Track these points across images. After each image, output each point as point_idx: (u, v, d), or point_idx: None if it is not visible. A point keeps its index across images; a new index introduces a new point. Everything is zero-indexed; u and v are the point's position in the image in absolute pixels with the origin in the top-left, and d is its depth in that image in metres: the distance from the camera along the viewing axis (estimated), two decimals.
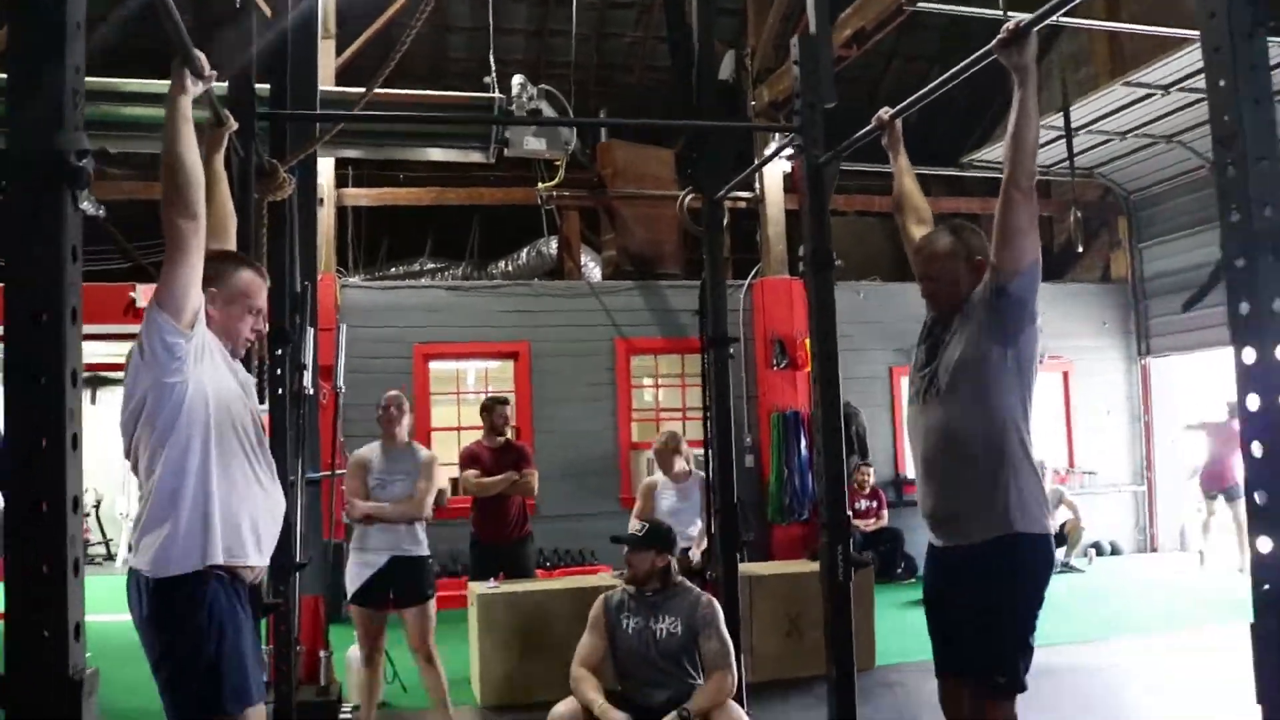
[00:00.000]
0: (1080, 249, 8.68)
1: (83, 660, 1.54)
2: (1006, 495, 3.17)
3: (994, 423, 3.19)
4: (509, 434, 7.17)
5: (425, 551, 5.68)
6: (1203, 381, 12.61)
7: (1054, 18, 2.70)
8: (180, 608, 2.74)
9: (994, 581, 3.18)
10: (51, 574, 1.49)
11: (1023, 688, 3.22)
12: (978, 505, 3.21)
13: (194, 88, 2.72)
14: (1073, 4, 2.50)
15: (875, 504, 11.12)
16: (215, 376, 2.86)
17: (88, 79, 1.68)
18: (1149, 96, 10.27)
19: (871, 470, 11.27)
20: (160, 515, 2.75)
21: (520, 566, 7.10)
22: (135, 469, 2.87)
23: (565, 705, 4.52)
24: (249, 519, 2.88)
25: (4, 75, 1.61)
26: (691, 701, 4.40)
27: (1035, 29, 2.75)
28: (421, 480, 5.68)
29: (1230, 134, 2.01)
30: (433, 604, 5.66)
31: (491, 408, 7.25)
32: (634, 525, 6.76)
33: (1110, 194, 13.27)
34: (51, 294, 1.52)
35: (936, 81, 3.23)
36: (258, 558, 2.92)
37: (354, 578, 5.58)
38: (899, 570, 10.88)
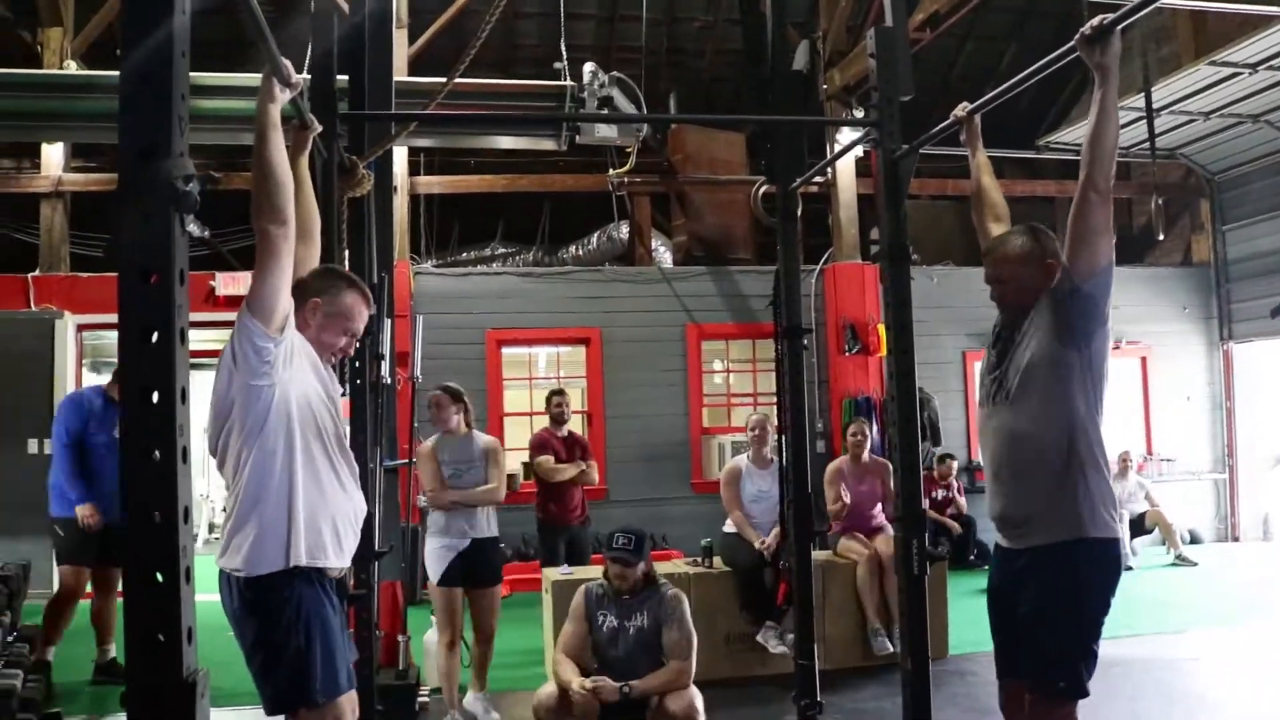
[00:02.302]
0: (1161, 236, 8.48)
1: (195, 662, 1.61)
2: (1076, 498, 3.15)
3: (1063, 426, 3.17)
4: (568, 424, 7.63)
5: (497, 534, 5.98)
6: None
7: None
8: (270, 603, 2.84)
9: (1060, 585, 3.17)
10: (165, 581, 1.56)
11: (1085, 693, 3.19)
12: (1047, 508, 3.19)
13: (282, 95, 2.78)
14: (1154, 6, 2.45)
15: (952, 493, 11.03)
16: (302, 380, 2.93)
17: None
18: (1235, 75, 9.98)
19: (955, 463, 11.18)
20: (246, 516, 2.84)
21: (580, 548, 7.54)
22: (221, 467, 2.95)
23: (546, 689, 4.76)
24: (330, 521, 2.96)
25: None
26: (641, 681, 4.62)
27: (1119, 27, 2.71)
28: (493, 468, 5.93)
29: None
30: (500, 587, 6.00)
31: (550, 398, 7.70)
32: (733, 521, 6.89)
33: (1192, 175, 12.94)
34: (162, 314, 1.59)
35: (1012, 80, 3.19)
36: (338, 559, 3.01)
37: (438, 560, 5.78)
38: (972, 557, 10.79)
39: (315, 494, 2.93)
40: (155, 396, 1.58)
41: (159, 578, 1.56)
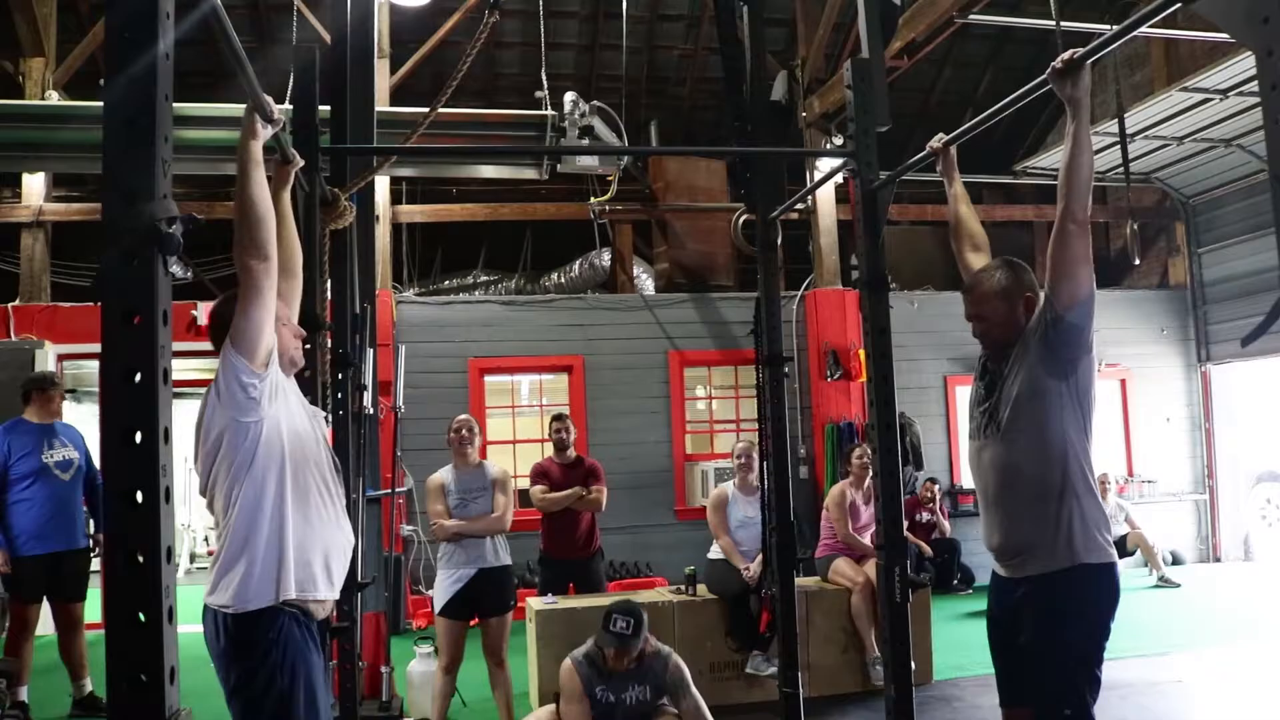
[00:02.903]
0: (1137, 260, 8.56)
1: (177, 702, 1.62)
2: (1071, 527, 3.17)
3: (1054, 456, 3.19)
4: (571, 449, 7.21)
5: (508, 562, 5.89)
6: (1266, 388, 12.40)
7: (1109, 27, 2.70)
8: (256, 642, 2.82)
9: (1060, 614, 3.19)
10: (148, 622, 1.57)
11: (1091, 719, 3.21)
12: (1042, 538, 3.21)
13: (264, 131, 2.80)
14: (1127, 39, 2.50)
15: (936, 517, 11.05)
16: (289, 414, 2.93)
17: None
18: (1206, 101, 10.12)
19: (938, 487, 11.22)
20: (236, 553, 2.83)
21: (590, 581, 7.17)
22: (211, 506, 2.94)
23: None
24: (321, 554, 2.96)
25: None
26: None
27: (1089, 61, 2.76)
28: (499, 495, 5.87)
29: None
30: (511, 614, 5.89)
31: (551, 424, 7.38)
32: (720, 546, 6.90)
33: (1168, 199, 13.07)
34: (145, 355, 1.60)
35: (988, 112, 3.25)
36: (329, 592, 3.00)
37: (443, 591, 5.76)
38: (955, 581, 10.81)
39: (304, 527, 2.92)
40: (138, 437, 1.59)
41: (142, 618, 1.57)
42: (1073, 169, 2.95)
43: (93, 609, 6.71)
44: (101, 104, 1.67)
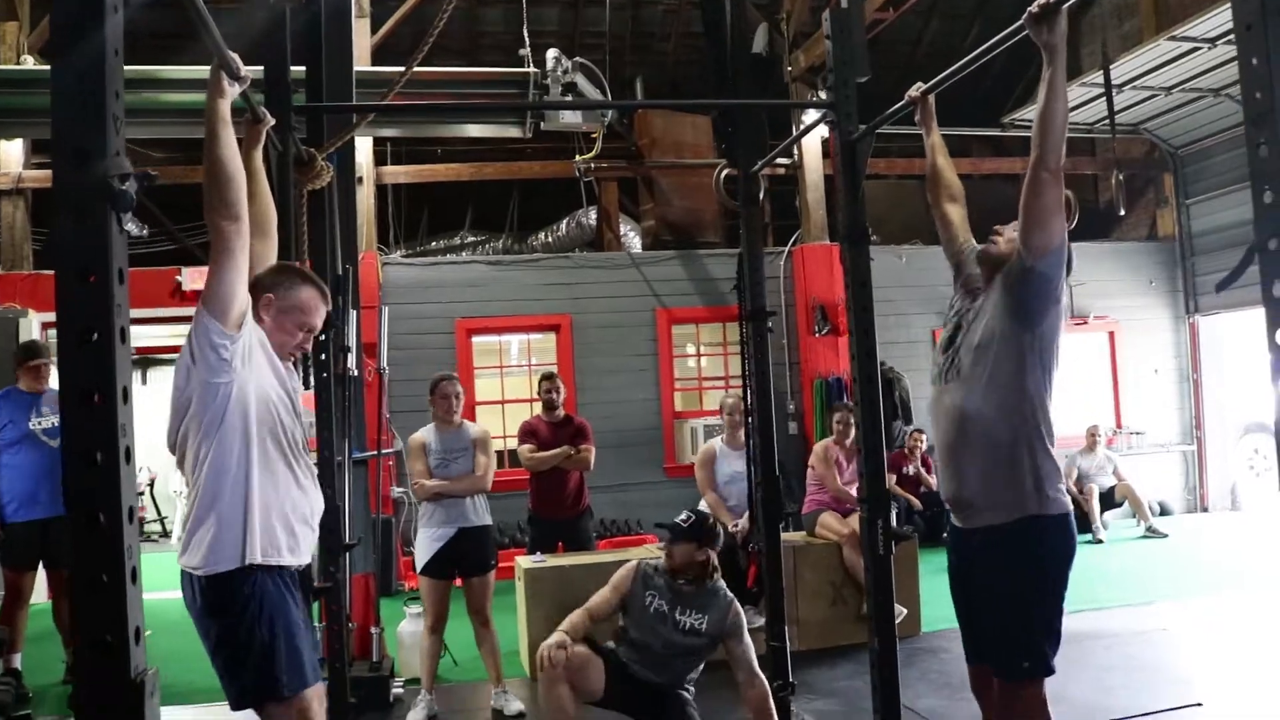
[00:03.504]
0: (1122, 212, 8.52)
1: (143, 663, 1.61)
2: (1025, 477, 3.17)
3: (1012, 404, 3.18)
4: (560, 408, 7.21)
5: (489, 522, 5.93)
6: (1254, 339, 12.43)
7: None
8: (231, 601, 2.84)
9: (1016, 565, 3.19)
10: (111, 583, 1.56)
11: (1050, 671, 3.21)
12: (996, 488, 3.21)
13: (231, 89, 2.76)
14: None
15: (923, 470, 11.08)
16: (259, 377, 2.92)
17: (130, 67, 1.73)
18: (1194, 50, 10.06)
19: (924, 437, 11.24)
20: (203, 514, 2.84)
21: (579, 540, 7.19)
22: (181, 464, 2.95)
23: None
24: (285, 519, 2.96)
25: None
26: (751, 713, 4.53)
27: (1065, 6, 2.72)
28: (480, 455, 5.90)
29: (1263, 112, 1.98)
30: (493, 573, 5.91)
31: (540, 383, 7.36)
32: (707, 503, 6.90)
33: (1156, 150, 13.03)
34: (101, 315, 1.58)
35: (964, 60, 3.20)
36: (293, 557, 2.99)
37: (424, 550, 5.80)
38: (945, 535, 10.85)
39: (271, 491, 2.92)
40: (96, 397, 1.57)
41: (105, 579, 1.56)
42: (1047, 116, 2.93)
43: None
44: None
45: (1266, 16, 1.97)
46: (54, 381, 6.72)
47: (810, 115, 10.13)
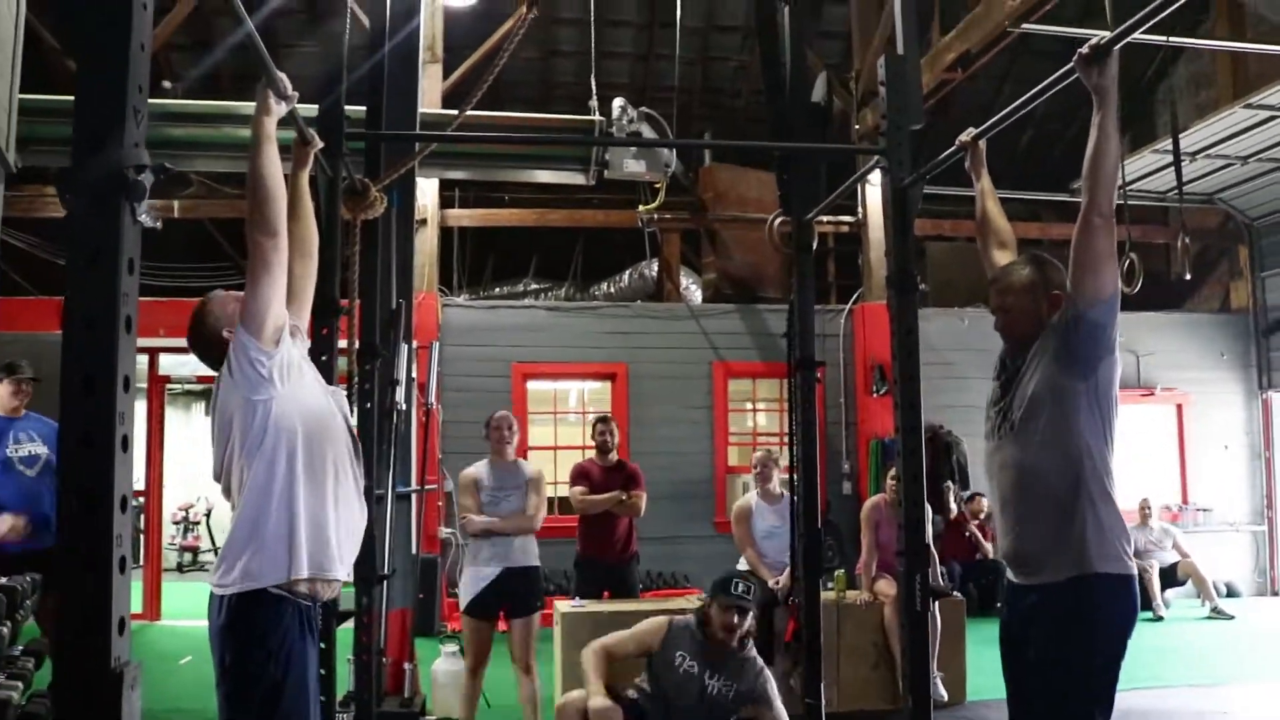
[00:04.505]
0: (1188, 276, 8.35)
1: (126, 653, 1.59)
2: (1084, 532, 3.04)
3: (1069, 457, 3.07)
4: (614, 452, 7.18)
5: (536, 563, 5.87)
6: None
7: (1163, 40, 2.61)
8: (255, 624, 2.79)
9: (1070, 625, 3.05)
10: (98, 570, 1.55)
11: None
12: (1054, 542, 3.08)
13: (278, 108, 2.81)
14: (1153, 22, 2.43)
15: (979, 534, 10.83)
16: (304, 393, 2.92)
17: (193, 102, 1.76)
18: (1272, 119, 9.87)
19: (985, 501, 10.99)
20: (246, 535, 2.81)
21: (625, 586, 7.12)
22: (227, 491, 2.93)
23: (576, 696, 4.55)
24: (334, 535, 2.93)
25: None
26: None
27: (1116, 48, 2.67)
28: (532, 495, 5.87)
29: None
30: (538, 616, 5.85)
31: (595, 425, 7.37)
32: (746, 560, 6.81)
33: (1231, 221, 12.77)
34: (107, 303, 1.59)
35: (1016, 103, 3.17)
36: (341, 570, 2.97)
37: (469, 589, 5.78)
38: (999, 604, 10.55)
39: (318, 506, 2.89)
40: (97, 384, 1.58)
41: (93, 566, 1.55)
42: (1098, 159, 2.86)
43: None
44: (70, 99, 1.67)
45: None
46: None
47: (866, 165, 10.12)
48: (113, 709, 1.53)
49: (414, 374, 6.20)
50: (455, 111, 8.84)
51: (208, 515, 14.48)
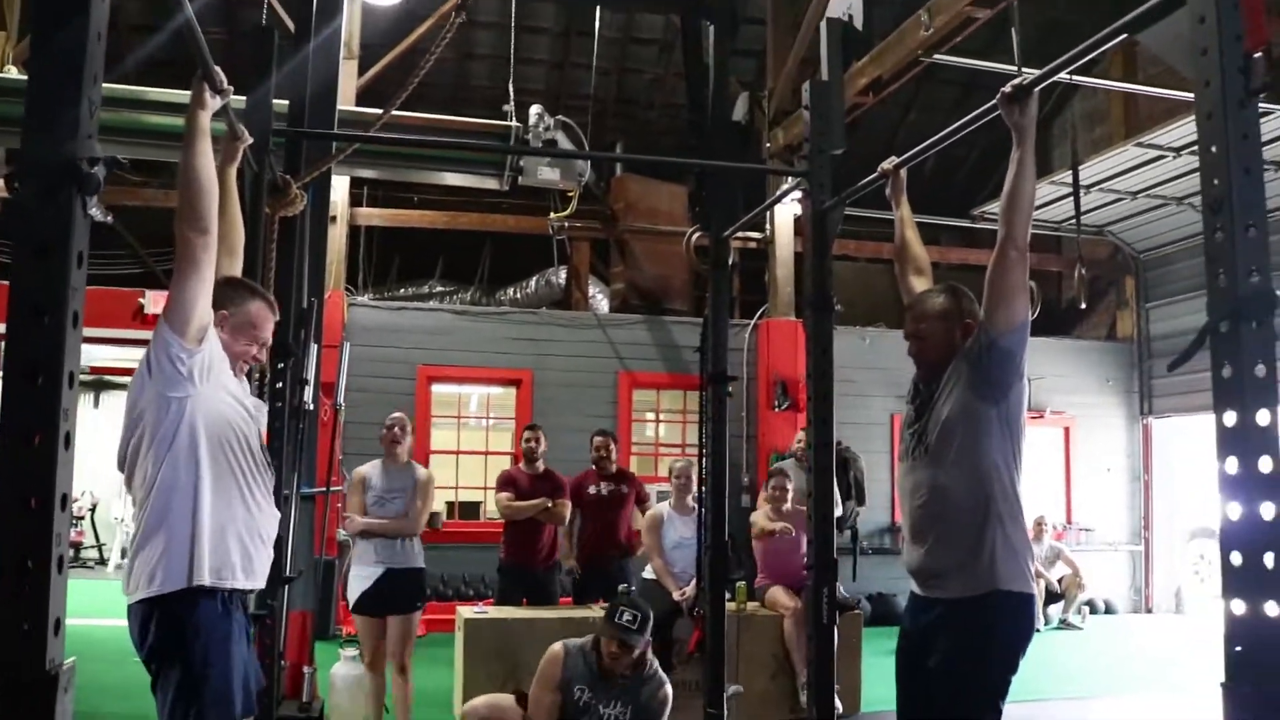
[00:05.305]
0: (1084, 305, 8.70)
1: (61, 656, 1.56)
2: (994, 551, 3.14)
3: (981, 479, 3.18)
4: (540, 460, 7.25)
5: (419, 565, 5.94)
6: (1205, 443, 12.56)
7: (1065, 78, 2.74)
8: (170, 625, 2.75)
9: (969, 639, 3.16)
10: (35, 569, 1.52)
11: None
12: (964, 560, 3.18)
13: (212, 102, 2.77)
14: (1075, 66, 2.54)
15: None
16: (219, 394, 2.88)
17: (117, 86, 1.72)
18: (1160, 158, 10.33)
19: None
20: (151, 532, 2.76)
21: (546, 593, 7.13)
22: (129, 483, 2.87)
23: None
24: (238, 541, 2.88)
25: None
26: None
27: (1037, 89, 2.79)
28: (416, 499, 5.92)
29: (1220, 199, 2.04)
30: (417, 616, 5.95)
31: (522, 433, 7.49)
32: (653, 567, 6.84)
33: (1119, 253, 13.31)
34: (55, 296, 1.56)
35: (939, 135, 3.27)
36: (245, 581, 2.92)
37: (354, 588, 5.88)
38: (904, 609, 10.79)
39: (224, 510, 2.85)
40: (40, 379, 1.54)
41: (29, 565, 1.51)
42: (1015, 195, 2.98)
43: None
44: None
45: (1227, 108, 2.03)
46: None
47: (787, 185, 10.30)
48: (46, 712, 1.50)
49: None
50: (373, 110, 8.77)
51: (92, 510, 14.01)
